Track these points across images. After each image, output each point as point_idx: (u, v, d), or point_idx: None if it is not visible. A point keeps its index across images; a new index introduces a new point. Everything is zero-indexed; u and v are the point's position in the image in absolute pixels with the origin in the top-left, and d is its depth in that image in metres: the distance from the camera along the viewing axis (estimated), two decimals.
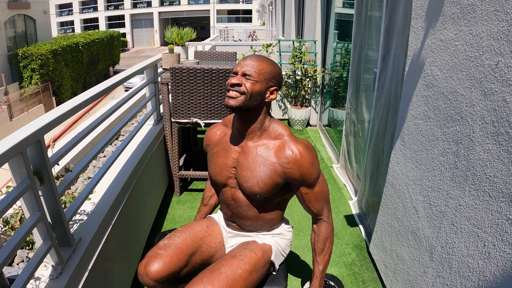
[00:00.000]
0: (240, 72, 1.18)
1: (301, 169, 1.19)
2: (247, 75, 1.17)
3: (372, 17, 2.63)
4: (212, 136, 1.37)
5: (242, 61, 1.20)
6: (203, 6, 34.31)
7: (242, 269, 1.18)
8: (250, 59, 1.19)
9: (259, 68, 1.18)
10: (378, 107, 2.30)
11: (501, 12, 1.06)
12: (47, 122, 1.14)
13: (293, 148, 1.19)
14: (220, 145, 1.32)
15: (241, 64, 1.19)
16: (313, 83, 4.65)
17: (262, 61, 1.20)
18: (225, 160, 1.29)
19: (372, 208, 2.41)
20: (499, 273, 1.06)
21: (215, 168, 1.32)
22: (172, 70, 2.51)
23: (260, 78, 1.18)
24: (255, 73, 1.18)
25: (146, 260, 1.21)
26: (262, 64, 1.19)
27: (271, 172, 1.20)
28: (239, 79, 1.17)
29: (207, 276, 1.14)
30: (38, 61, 14.56)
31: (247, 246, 1.29)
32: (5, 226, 1.33)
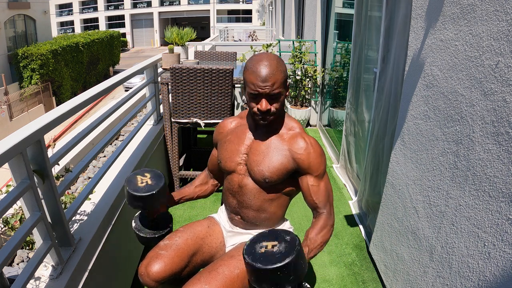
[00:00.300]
0: (264, 94, 1.15)
1: (310, 157, 1.23)
2: (274, 96, 1.16)
3: (372, 17, 2.63)
4: (226, 126, 1.40)
5: (258, 78, 1.13)
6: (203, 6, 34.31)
7: (240, 269, 1.18)
8: (267, 73, 1.13)
9: (280, 81, 1.16)
10: (378, 107, 2.30)
11: (501, 12, 1.06)
12: (47, 122, 1.14)
13: (305, 139, 1.25)
14: (233, 133, 1.35)
15: (259, 84, 1.14)
16: (313, 83, 4.65)
17: (278, 70, 1.15)
18: (237, 146, 1.31)
19: (372, 208, 2.41)
20: (499, 273, 1.06)
21: (226, 154, 1.33)
22: (172, 70, 2.51)
23: (283, 89, 1.18)
24: (280, 89, 1.16)
25: (147, 261, 1.21)
26: (280, 74, 1.15)
27: (282, 158, 1.24)
28: (266, 104, 1.16)
29: (205, 276, 1.14)
30: (38, 61, 14.56)
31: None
32: (5, 226, 1.33)
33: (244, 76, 1.20)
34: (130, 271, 1.94)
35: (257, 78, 1.13)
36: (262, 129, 1.29)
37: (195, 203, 2.88)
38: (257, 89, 1.14)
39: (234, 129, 1.37)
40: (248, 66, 1.18)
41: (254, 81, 1.14)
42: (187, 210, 2.78)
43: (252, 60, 1.18)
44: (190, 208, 2.81)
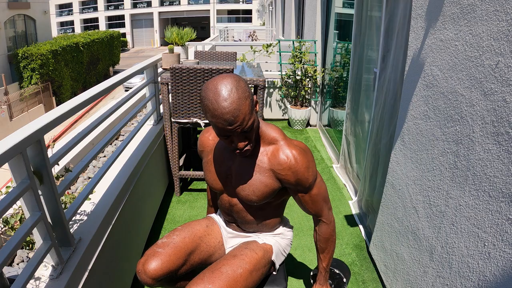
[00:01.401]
0: (235, 133, 1.03)
1: (296, 174, 1.14)
2: (245, 130, 1.03)
3: (372, 17, 2.63)
4: (205, 142, 1.31)
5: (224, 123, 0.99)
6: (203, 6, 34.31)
7: (243, 269, 1.18)
8: (229, 110, 0.97)
9: (244, 109, 1.00)
10: (378, 107, 2.30)
11: (501, 12, 1.06)
12: (47, 122, 1.14)
13: (287, 153, 1.14)
14: (213, 152, 1.28)
15: (227, 128, 1.00)
16: (313, 83, 4.65)
17: (239, 100, 0.99)
18: (219, 168, 1.25)
19: (372, 208, 2.41)
20: (499, 273, 1.06)
21: (210, 176, 1.29)
22: (172, 70, 2.51)
23: (251, 114, 1.03)
24: (247, 118, 1.01)
25: (144, 258, 1.21)
26: (242, 103, 0.99)
27: (266, 179, 1.17)
28: (241, 141, 1.06)
29: (208, 276, 1.14)
30: (38, 61, 14.56)
31: (248, 246, 1.29)
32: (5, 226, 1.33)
33: (206, 115, 1.03)
34: (130, 271, 1.94)
35: (222, 123, 0.99)
36: None
37: (195, 203, 2.88)
38: (226, 133, 1.03)
39: (213, 147, 1.29)
40: (207, 107, 1.00)
41: (221, 126, 1.00)
42: (187, 210, 2.78)
43: (209, 97, 0.99)
44: (190, 208, 2.81)
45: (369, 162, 2.47)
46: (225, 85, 0.99)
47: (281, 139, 1.18)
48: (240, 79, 1.03)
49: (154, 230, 2.48)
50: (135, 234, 2.08)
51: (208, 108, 1.00)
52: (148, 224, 2.41)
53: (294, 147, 1.15)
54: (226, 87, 0.99)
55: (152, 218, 2.51)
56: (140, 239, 2.19)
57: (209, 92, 1.00)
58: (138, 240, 2.16)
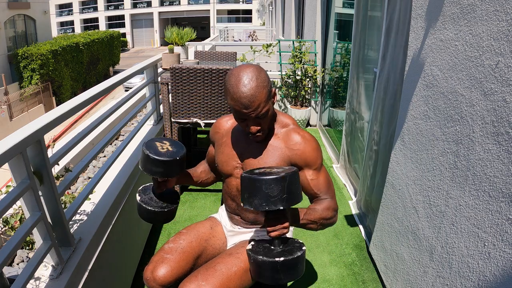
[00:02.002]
0: (250, 118, 1.13)
1: (306, 151, 1.22)
2: (259, 116, 1.13)
3: (372, 17, 2.63)
4: (223, 125, 1.37)
5: (240, 105, 1.09)
6: (203, 6, 34.31)
7: (237, 267, 1.18)
8: (247, 98, 1.08)
9: (262, 101, 1.11)
10: (378, 107, 2.30)
11: (501, 12, 1.06)
12: (47, 122, 1.14)
13: (300, 133, 1.24)
14: (229, 135, 1.33)
15: (243, 111, 1.10)
16: (313, 83, 4.65)
17: (258, 91, 1.09)
18: (233, 149, 1.30)
19: (372, 208, 2.41)
20: (499, 273, 1.06)
21: (222, 157, 1.32)
22: (172, 70, 2.51)
23: (266, 103, 1.13)
24: (264, 108, 1.12)
25: (152, 265, 1.19)
26: (259, 95, 1.10)
27: (278, 158, 1.23)
28: (254, 126, 1.15)
29: (202, 273, 1.14)
30: (38, 61, 14.57)
31: (244, 245, 1.29)
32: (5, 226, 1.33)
33: (226, 97, 1.15)
34: (130, 271, 1.94)
35: (239, 106, 1.10)
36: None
37: (195, 203, 2.88)
38: (242, 116, 1.13)
39: (229, 130, 1.35)
40: (228, 90, 1.12)
41: (238, 109, 1.11)
42: (187, 210, 2.78)
43: (231, 82, 1.11)
44: (190, 208, 2.81)
45: (369, 162, 2.47)
46: (247, 73, 1.10)
47: (292, 124, 1.28)
48: (261, 70, 1.14)
49: (154, 230, 2.48)
50: (135, 234, 2.08)
51: (229, 91, 1.11)
52: (148, 224, 2.41)
53: (304, 131, 1.27)
54: (248, 75, 1.10)
55: None
56: (140, 239, 2.19)
57: (232, 77, 1.11)
58: (138, 240, 2.16)
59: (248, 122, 1.15)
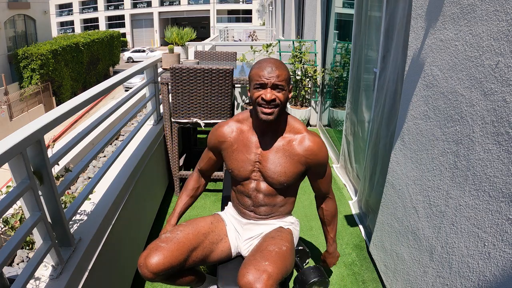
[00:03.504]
0: (270, 84, 1.22)
1: (319, 157, 1.33)
2: (278, 86, 1.22)
3: (372, 17, 2.63)
4: (228, 133, 1.39)
5: (264, 70, 1.22)
6: (203, 6, 34.30)
7: (286, 246, 1.27)
8: (272, 67, 1.22)
9: (284, 76, 1.23)
10: (378, 107, 2.30)
11: (501, 12, 1.06)
12: (47, 122, 1.14)
13: (313, 141, 1.32)
14: (238, 141, 1.37)
15: (265, 74, 1.22)
16: (313, 83, 4.65)
17: (282, 67, 1.24)
18: (247, 155, 1.35)
19: (372, 208, 2.40)
20: (499, 273, 1.06)
21: (236, 164, 1.36)
22: (172, 70, 2.51)
23: (286, 85, 1.25)
24: (284, 82, 1.23)
25: (146, 252, 1.22)
26: (284, 71, 1.24)
27: (295, 163, 1.32)
28: (271, 93, 1.22)
29: (260, 255, 1.20)
30: (38, 61, 14.56)
31: (279, 229, 1.40)
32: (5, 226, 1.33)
33: (249, 76, 1.27)
34: (130, 271, 1.94)
35: (262, 70, 1.22)
36: (268, 134, 1.33)
37: (195, 203, 2.88)
38: (262, 79, 1.21)
39: (237, 137, 1.38)
40: (253, 66, 1.26)
41: (260, 73, 1.22)
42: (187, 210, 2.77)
43: (258, 61, 1.27)
44: (190, 208, 2.80)
45: (369, 162, 2.47)
46: (276, 59, 1.28)
47: (304, 130, 1.34)
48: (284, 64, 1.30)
49: (154, 230, 2.47)
50: (135, 234, 2.08)
51: (255, 65, 1.26)
52: (148, 224, 2.41)
53: (315, 136, 1.35)
54: (275, 59, 1.27)
55: (152, 218, 2.51)
56: (140, 239, 2.19)
57: (261, 60, 1.28)
58: (138, 240, 2.16)
59: (265, 90, 1.22)
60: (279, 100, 1.23)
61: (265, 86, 1.22)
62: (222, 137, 1.40)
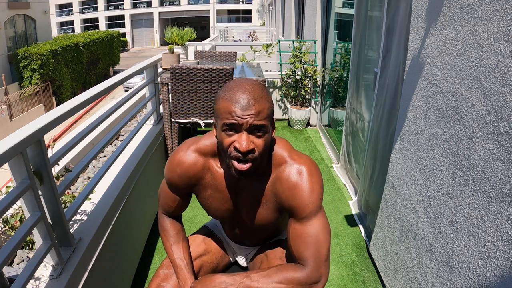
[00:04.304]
0: (246, 125, 0.85)
1: (295, 195, 0.94)
2: (258, 128, 0.86)
3: (372, 17, 2.63)
4: (190, 169, 1.04)
5: (237, 103, 0.85)
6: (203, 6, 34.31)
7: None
8: (249, 99, 0.85)
9: (266, 111, 0.87)
10: (378, 107, 2.30)
11: (501, 12, 1.06)
12: (47, 122, 1.14)
13: (291, 170, 0.96)
14: (212, 186, 1.06)
15: (238, 112, 0.84)
16: (313, 83, 4.65)
17: (263, 97, 0.88)
18: (221, 197, 1.06)
19: (372, 208, 2.41)
20: (499, 273, 1.06)
21: (210, 205, 1.11)
22: (172, 70, 2.51)
23: (269, 123, 0.89)
24: (266, 121, 0.87)
25: None
26: (266, 102, 0.88)
27: (275, 206, 1.01)
28: (247, 140, 0.85)
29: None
30: (38, 61, 14.56)
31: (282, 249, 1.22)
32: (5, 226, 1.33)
33: (216, 108, 0.90)
34: (130, 271, 1.94)
35: (235, 105, 0.84)
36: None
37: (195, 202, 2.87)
38: (235, 118, 0.84)
39: (209, 180, 1.05)
40: (221, 95, 0.89)
41: (232, 109, 0.84)
42: (187, 210, 2.75)
43: (227, 87, 0.90)
44: (190, 208, 2.80)
45: (369, 162, 2.47)
46: (252, 81, 0.90)
47: (288, 157, 0.99)
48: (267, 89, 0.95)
49: (154, 230, 2.47)
50: (135, 234, 2.08)
51: (223, 93, 0.88)
52: (148, 224, 2.41)
53: (301, 163, 0.97)
54: (252, 82, 0.90)
55: (152, 218, 2.51)
56: (140, 239, 2.19)
57: (230, 83, 0.92)
58: (138, 240, 2.16)
59: (239, 134, 0.86)
60: (259, 149, 0.87)
61: (239, 128, 0.86)
62: (184, 170, 1.04)
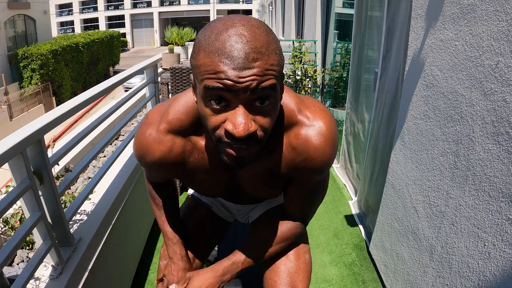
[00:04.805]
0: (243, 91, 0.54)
1: (312, 162, 0.74)
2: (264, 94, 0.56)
3: (372, 17, 2.63)
4: (169, 158, 0.78)
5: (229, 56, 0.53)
6: (203, 6, 34.32)
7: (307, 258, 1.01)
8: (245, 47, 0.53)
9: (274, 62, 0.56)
10: (378, 107, 2.30)
11: (501, 12, 1.06)
12: (47, 122, 1.14)
13: (308, 136, 0.73)
14: (199, 170, 0.81)
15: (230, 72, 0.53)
16: (313, 83, 4.65)
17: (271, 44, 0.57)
18: (217, 185, 0.87)
19: (372, 208, 2.41)
20: (499, 273, 1.06)
21: (203, 192, 0.93)
22: (172, 70, 2.51)
23: (279, 82, 0.59)
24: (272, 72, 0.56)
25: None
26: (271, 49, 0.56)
27: (282, 178, 0.83)
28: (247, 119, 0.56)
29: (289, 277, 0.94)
30: (38, 61, 14.56)
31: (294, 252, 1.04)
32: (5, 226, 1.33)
33: (194, 65, 0.58)
34: (130, 271, 1.94)
35: (224, 61, 0.53)
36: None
37: None
38: (224, 82, 0.53)
39: (188, 157, 0.79)
40: (202, 43, 0.57)
41: (220, 67, 0.53)
42: None
43: (212, 28, 0.57)
44: None
45: (369, 162, 2.47)
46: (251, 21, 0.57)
47: (297, 112, 0.74)
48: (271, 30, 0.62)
49: (154, 230, 2.47)
50: (135, 234, 2.08)
51: (210, 30, 0.56)
52: (148, 224, 2.41)
53: (318, 119, 0.73)
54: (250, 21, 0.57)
55: (152, 218, 2.51)
56: (140, 239, 2.19)
57: (218, 22, 0.58)
58: (138, 240, 2.16)
59: (233, 111, 0.56)
60: (265, 130, 0.60)
61: (232, 99, 0.56)
62: (169, 166, 0.80)
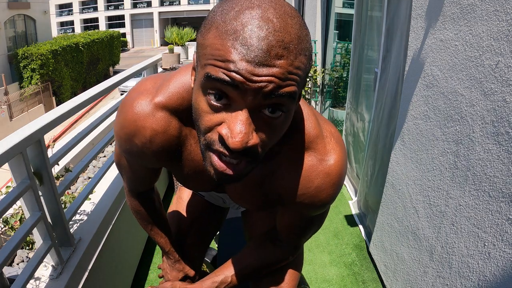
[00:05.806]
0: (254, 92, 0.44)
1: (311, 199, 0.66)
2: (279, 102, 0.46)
3: (373, 17, 2.63)
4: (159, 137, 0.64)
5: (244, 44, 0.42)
6: (203, 6, 34.31)
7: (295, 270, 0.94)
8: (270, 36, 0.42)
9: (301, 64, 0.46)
10: (378, 107, 2.30)
11: (501, 12, 1.06)
12: (47, 122, 1.14)
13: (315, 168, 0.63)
14: (187, 165, 0.70)
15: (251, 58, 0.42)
16: (313, 83, 4.65)
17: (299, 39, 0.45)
18: (204, 179, 0.73)
19: (372, 208, 2.41)
20: (499, 273, 1.06)
21: (188, 184, 0.80)
22: (172, 70, 2.50)
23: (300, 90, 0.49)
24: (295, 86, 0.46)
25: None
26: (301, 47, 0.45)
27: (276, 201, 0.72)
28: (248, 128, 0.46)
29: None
30: (38, 61, 14.56)
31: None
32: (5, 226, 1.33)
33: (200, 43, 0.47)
34: (130, 271, 1.94)
35: (239, 48, 0.43)
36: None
37: None
38: (233, 75, 0.43)
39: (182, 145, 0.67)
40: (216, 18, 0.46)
41: (231, 55, 0.43)
42: None
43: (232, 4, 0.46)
44: None
45: (369, 162, 2.47)
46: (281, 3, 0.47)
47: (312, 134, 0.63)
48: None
49: None
50: (135, 234, 2.08)
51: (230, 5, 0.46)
52: None
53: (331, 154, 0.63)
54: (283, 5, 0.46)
55: None
56: (140, 238, 2.19)
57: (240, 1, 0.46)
58: (138, 240, 2.16)
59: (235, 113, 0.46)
60: (265, 144, 0.50)
61: (237, 98, 0.45)
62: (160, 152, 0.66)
